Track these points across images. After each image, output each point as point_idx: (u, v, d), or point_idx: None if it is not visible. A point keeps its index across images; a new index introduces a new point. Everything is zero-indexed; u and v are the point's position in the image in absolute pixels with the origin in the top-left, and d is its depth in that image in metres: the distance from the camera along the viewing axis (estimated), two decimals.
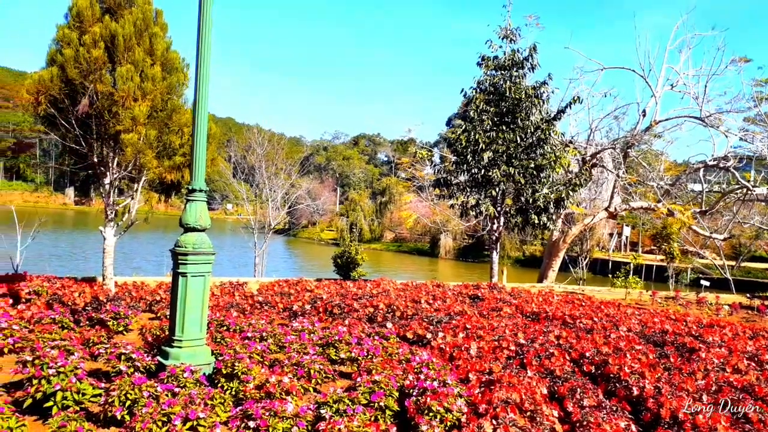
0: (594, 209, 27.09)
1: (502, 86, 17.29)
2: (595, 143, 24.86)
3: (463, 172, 17.68)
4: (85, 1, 10.42)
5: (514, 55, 17.65)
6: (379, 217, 76.39)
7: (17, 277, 11.45)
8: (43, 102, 10.51)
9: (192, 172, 6.28)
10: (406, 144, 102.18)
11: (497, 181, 16.83)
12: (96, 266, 25.42)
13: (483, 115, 17.29)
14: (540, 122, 17.26)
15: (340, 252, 19.65)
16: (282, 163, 29.73)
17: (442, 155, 21.56)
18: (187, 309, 6.15)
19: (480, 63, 17.96)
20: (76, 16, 10.50)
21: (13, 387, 5.99)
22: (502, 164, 16.94)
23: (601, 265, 45.67)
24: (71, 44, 10.32)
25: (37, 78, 10.54)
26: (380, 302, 10.93)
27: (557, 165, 17.24)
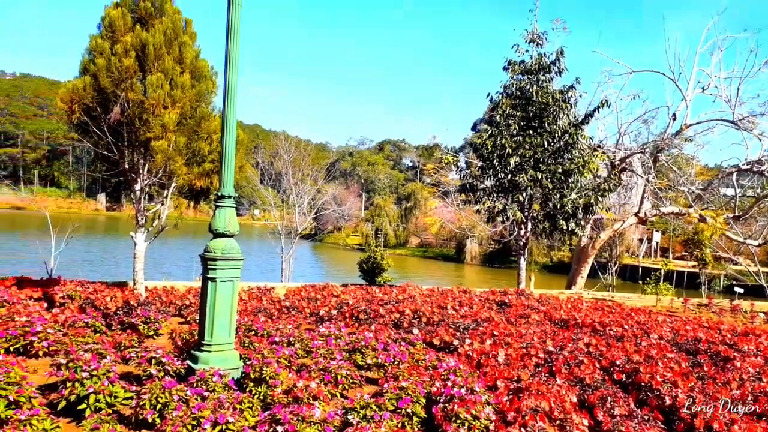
0: (623, 214, 26.67)
1: (529, 90, 17.16)
2: (624, 147, 24.49)
3: (490, 177, 17.56)
4: (117, 12, 10.68)
5: (540, 59, 17.52)
6: (404, 222, 76.35)
7: (52, 281, 11.72)
8: (77, 110, 10.78)
9: (221, 178, 6.36)
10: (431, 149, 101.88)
11: (524, 186, 16.68)
12: (126, 271, 25.90)
13: (509, 120, 17.18)
14: (567, 126, 17.07)
15: (365, 257, 19.70)
16: (308, 169, 29.95)
17: (467, 160, 21.48)
18: (216, 314, 6.22)
19: (506, 67, 17.86)
20: (109, 26, 10.75)
21: (48, 389, 6.11)
22: (529, 169, 16.79)
23: (631, 272, 44.92)
24: (103, 54, 10.57)
25: (71, 87, 10.82)
26: (406, 308, 10.91)
27: (585, 170, 17.01)
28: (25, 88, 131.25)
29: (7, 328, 7.64)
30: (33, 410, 5.04)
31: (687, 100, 23.57)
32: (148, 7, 11.13)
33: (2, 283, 11.05)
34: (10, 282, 11.19)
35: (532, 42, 17.83)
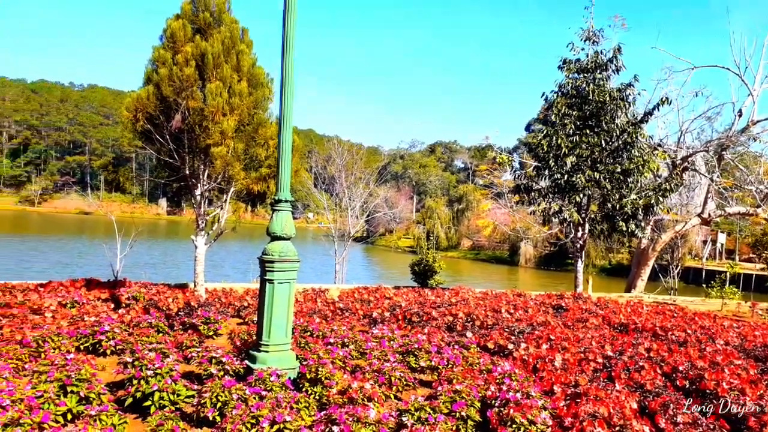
0: (686, 215, 25.68)
1: (585, 89, 16.80)
2: (686, 146, 23.60)
3: (545, 177, 17.27)
4: (178, 23, 11.10)
5: (597, 57, 17.12)
6: (456, 224, 75.83)
7: (118, 283, 12.25)
8: (141, 119, 11.26)
9: (278, 183, 6.51)
10: (483, 150, 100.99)
11: (581, 187, 16.31)
12: (186, 273, 26.78)
13: (565, 119, 16.85)
14: (626, 125, 16.61)
15: (417, 260, 19.68)
16: (360, 173, 30.20)
17: (521, 161, 21.18)
18: (274, 314, 6.37)
19: (561, 66, 17.54)
20: (170, 37, 11.19)
21: (115, 386, 6.39)
22: (587, 169, 16.42)
23: (694, 275, 43.22)
24: (165, 64, 11.00)
25: (135, 96, 11.32)
26: (459, 311, 10.85)
27: (645, 169, 16.50)
28: (92, 99, 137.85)
29: (77, 327, 8.05)
30: (102, 406, 5.30)
31: (754, 96, 22.50)
32: (206, 17, 11.52)
33: (73, 285, 11.64)
34: (80, 283, 11.77)
35: (587, 40, 17.45)
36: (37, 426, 4.76)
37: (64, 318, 8.84)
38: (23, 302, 9.64)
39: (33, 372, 5.95)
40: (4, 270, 29.32)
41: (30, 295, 10.37)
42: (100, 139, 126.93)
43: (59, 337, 7.40)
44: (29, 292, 10.67)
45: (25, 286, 11.45)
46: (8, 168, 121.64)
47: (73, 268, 31.25)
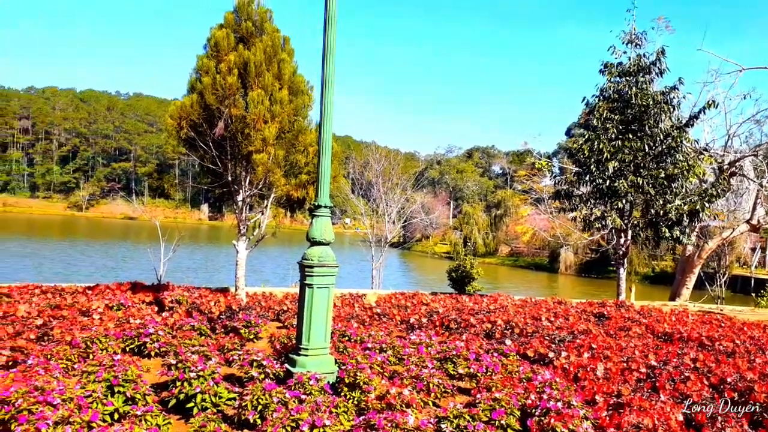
0: (733, 222, 24.84)
1: (627, 93, 16.46)
2: (733, 150, 22.82)
3: (586, 183, 16.98)
4: (222, 32, 11.37)
5: (639, 60, 16.77)
6: (494, 230, 75.09)
7: (161, 286, 12.57)
8: (185, 126, 11.55)
9: (317, 189, 6.60)
10: (522, 155, 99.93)
11: (624, 192, 15.97)
12: (227, 277, 27.25)
13: (607, 124, 16.54)
14: (670, 129, 16.20)
15: (454, 266, 19.58)
16: (397, 179, 30.24)
17: (561, 166, 20.91)
18: (313, 319, 6.44)
19: (602, 70, 17.24)
20: (214, 46, 11.47)
21: (159, 387, 6.55)
22: (629, 174, 16.07)
23: (742, 283, 41.72)
24: (209, 72, 11.27)
25: (180, 105, 11.63)
26: (498, 318, 10.75)
27: (690, 174, 16.04)
28: (137, 107, 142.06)
29: (123, 329, 8.30)
30: (147, 407, 5.44)
31: None
32: (249, 26, 11.76)
33: (119, 288, 11.99)
34: (126, 287, 12.12)
35: (630, 43, 17.12)
36: (86, 425, 4.92)
37: (111, 320, 9.12)
38: (72, 304, 9.99)
39: (82, 372, 6.15)
40: (53, 273, 30.43)
41: (79, 297, 10.74)
42: (144, 146, 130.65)
43: (106, 338, 7.64)
44: (78, 295, 11.04)
45: (74, 289, 11.85)
46: (58, 174, 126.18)
47: (118, 272, 32.18)
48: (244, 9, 11.86)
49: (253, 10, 11.91)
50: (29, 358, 6.89)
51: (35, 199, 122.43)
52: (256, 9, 11.98)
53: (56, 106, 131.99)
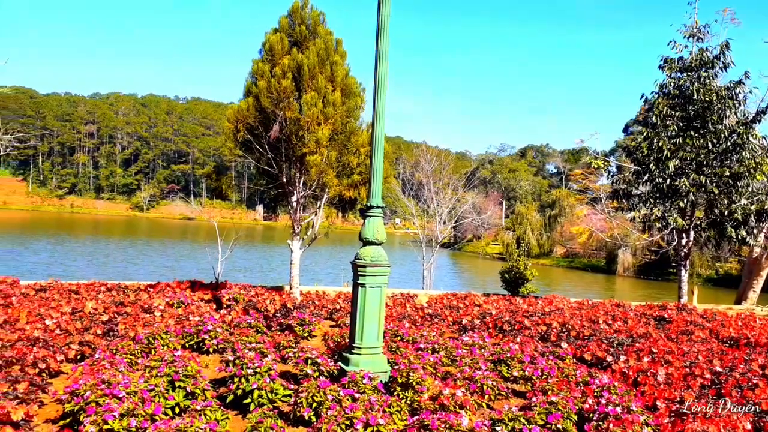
0: None
1: (689, 89, 15.83)
2: None
3: (645, 182, 16.43)
4: (276, 37, 11.61)
5: (702, 54, 16.09)
6: (548, 230, 73.56)
7: (219, 285, 12.92)
8: (241, 129, 11.87)
9: (369, 189, 6.65)
10: (577, 154, 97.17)
11: (685, 192, 15.37)
12: (280, 276, 27.78)
13: (667, 120, 15.96)
14: (735, 125, 15.48)
15: (507, 267, 19.30)
16: (448, 178, 30.08)
17: (619, 164, 20.27)
18: (366, 318, 6.49)
19: (662, 65, 16.64)
20: (269, 51, 11.73)
21: (217, 383, 6.74)
22: (691, 173, 15.46)
23: None
24: (264, 76, 11.54)
25: (237, 108, 11.96)
26: (553, 320, 10.54)
27: (758, 172, 15.28)
28: (195, 111, 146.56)
29: (183, 326, 8.57)
30: (207, 402, 5.61)
31: None
32: (303, 30, 11.97)
33: (179, 286, 12.40)
34: (186, 285, 12.52)
35: (691, 37, 16.46)
36: (149, 417, 5.11)
37: (172, 317, 9.45)
38: (135, 301, 10.40)
39: (145, 367, 6.40)
40: (117, 272, 31.78)
41: (141, 295, 11.17)
42: (202, 148, 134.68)
43: (167, 335, 7.91)
44: (140, 292, 11.49)
45: (136, 287, 12.33)
46: (121, 177, 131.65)
47: (176, 271, 33.27)
48: (297, 13, 12.08)
49: (306, 14, 12.11)
50: (96, 352, 7.23)
51: (100, 201, 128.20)
52: (309, 13, 12.19)
53: (119, 111, 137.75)
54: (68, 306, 9.29)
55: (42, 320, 8.30)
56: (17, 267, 29.59)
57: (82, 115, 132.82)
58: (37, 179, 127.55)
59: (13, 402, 5.27)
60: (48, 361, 6.65)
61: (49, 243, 48.96)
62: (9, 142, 11.26)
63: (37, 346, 7.04)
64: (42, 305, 9.40)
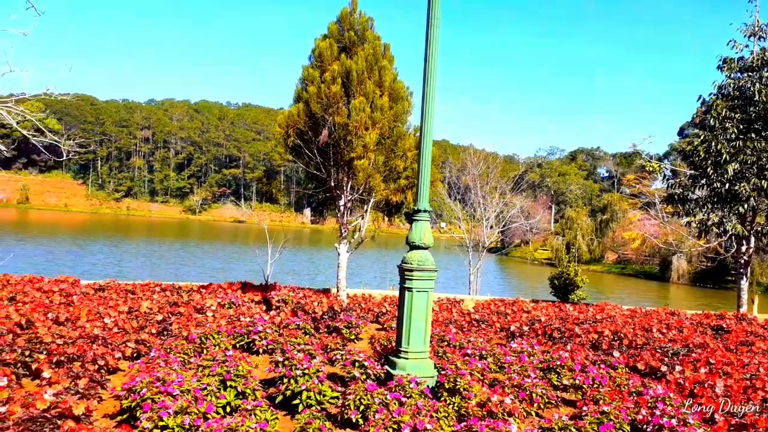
0: None
1: (750, 89, 15.20)
2: None
3: (702, 186, 15.86)
4: (325, 43, 11.77)
5: (764, 53, 15.45)
6: (599, 236, 71.72)
7: (269, 286, 13.16)
8: (292, 134, 12.07)
9: (417, 193, 6.66)
10: (630, 157, 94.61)
11: (746, 197, 14.75)
12: (326, 279, 28.04)
13: (725, 123, 15.37)
14: None
15: (557, 273, 18.90)
16: (495, 182, 29.72)
17: (674, 168, 19.64)
18: (413, 322, 6.49)
19: (721, 66, 16.06)
20: (318, 57, 11.90)
21: (266, 383, 6.86)
22: (752, 177, 14.84)
23: None
24: (314, 82, 11.71)
25: (287, 114, 12.18)
26: (605, 328, 10.28)
27: None
28: (246, 116, 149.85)
29: (234, 326, 8.77)
30: (257, 401, 5.72)
31: None
32: (351, 36, 12.10)
33: (230, 287, 12.69)
34: (236, 286, 12.80)
35: (752, 36, 15.84)
36: (201, 415, 5.25)
37: (223, 317, 9.68)
38: (188, 302, 10.70)
39: (198, 366, 6.58)
40: (169, 273, 32.75)
41: (194, 295, 11.48)
42: (252, 153, 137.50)
43: (219, 335, 8.11)
44: (193, 293, 11.81)
45: (189, 287, 12.68)
46: (175, 180, 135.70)
47: (227, 272, 34.03)
48: (346, 19, 12.21)
49: (355, 20, 12.23)
50: (151, 350, 7.47)
51: (155, 203, 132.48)
52: (357, 18, 12.30)
53: (173, 117, 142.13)
54: (125, 305, 9.64)
55: (101, 319, 8.64)
56: (76, 267, 30.88)
57: (139, 121, 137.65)
58: (96, 183, 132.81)
59: (75, 397, 5.50)
60: (106, 358, 6.92)
61: (105, 245, 50.91)
62: (72, 147, 11.75)
63: (96, 344, 7.33)
64: (101, 304, 9.78)
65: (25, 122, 10.90)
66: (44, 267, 28.02)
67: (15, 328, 7.52)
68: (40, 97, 11.16)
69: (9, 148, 13.25)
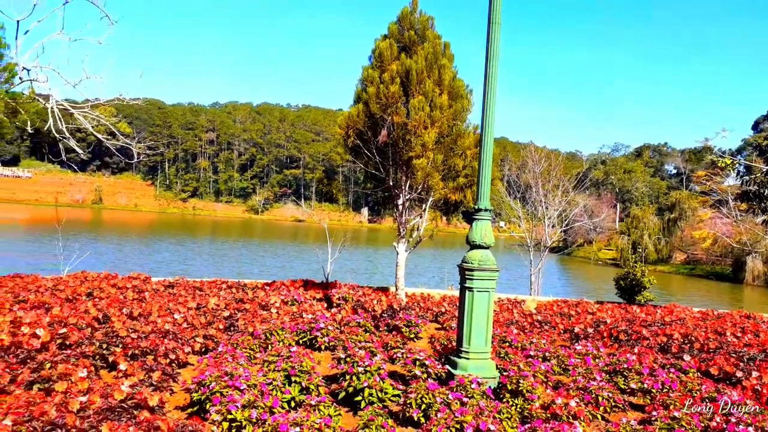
0: None
1: None
2: None
3: None
4: (385, 43, 11.84)
5: None
6: (667, 235, 68.87)
7: (329, 284, 13.37)
8: (351, 135, 12.22)
9: (477, 192, 6.61)
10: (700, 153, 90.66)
11: None
12: (383, 278, 28.14)
13: None
14: None
15: (622, 273, 18.30)
16: (557, 180, 29.05)
17: (748, 164, 18.66)
18: (474, 322, 6.45)
19: None
20: (378, 57, 11.98)
21: (328, 380, 6.97)
22: None
23: None
24: (373, 82, 11.80)
25: (347, 115, 12.33)
26: (674, 331, 9.89)
27: None
28: (306, 118, 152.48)
29: (297, 323, 8.96)
30: (320, 397, 5.83)
31: None
32: (411, 36, 12.12)
33: (293, 284, 12.97)
34: (299, 284, 13.07)
35: None
36: (268, 410, 5.40)
37: (286, 314, 9.91)
38: (253, 299, 11.00)
39: (263, 361, 6.76)
40: (231, 270, 33.72)
41: (258, 292, 11.80)
42: (311, 153, 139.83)
43: (283, 331, 8.31)
44: (257, 290, 12.14)
45: (254, 285, 13.04)
46: (238, 181, 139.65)
47: (288, 270, 34.71)
48: (406, 18, 12.24)
49: (415, 19, 12.24)
50: (219, 345, 7.73)
51: (219, 203, 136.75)
52: (417, 17, 12.30)
53: (236, 120, 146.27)
54: (193, 302, 10.01)
55: (171, 314, 9.01)
56: (144, 265, 32.23)
57: (204, 124, 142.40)
58: (164, 183, 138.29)
59: (149, 389, 5.77)
60: (177, 352, 7.21)
61: (171, 243, 52.97)
62: (142, 149, 12.31)
63: (167, 338, 7.66)
64: (171, 300, 10.19)
65: (98, 126, 11.50)
66: (114, 264, 29.45)
67: (93, 322, 7.95)
68: (113, 103, 11.77)
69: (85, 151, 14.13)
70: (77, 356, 6.43)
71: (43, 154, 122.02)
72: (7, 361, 5.92)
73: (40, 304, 8.81)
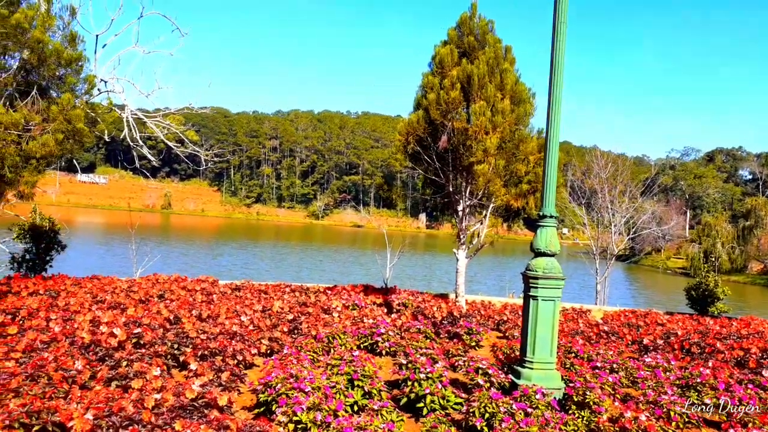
0: None
1: None
2: None
3: None
4: (446, 49, 11.82)
5: None
6: (742, 244, 65.34)
7: (389, 290, 13.42)
8: (411, 141, 12.26)
9: (542, 198, 6.50)
10: None
11: None
12: (441, 285, 28.00)
13: None
14: None
15: (694, 284, 17.50)
16: (624, 186, 28.12)
17: None
18: (538, 332, 6.33)
19: None
20: (438, 63, 11.98)
21: (390, 385, 7.00)
22: None
23: None
24: (434, 89, 11.80)
25: (407, 121, 12.39)
26: (752, 345, 9.37)
27: None
28: (365, 125, 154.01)
29: (358, 328, 9.05)
30: (383, 402, 5.87)
31: None
32: (471, 41, 12.05)
33: (353, 289, 13.10)
34: (359, 288, 13.19)
35: None
36: (332, 413, 5.48)
37: (348, 318, 10.02)
38: (315, 302, 11.18)
39: (326, 365, 6.86)
40: (291, 274, 34.36)
41: (320, 296, 11.98)
42: (370, 160, 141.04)
43: (345, 335, 8.42)
44: (319, 294, 12.33)
45: (316, 289, 13.25)
46: (300, 187, 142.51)
47: (347, 276, 35.07)
48: (466, 24, 12.18)
49: (474, 24, 12.17)
50: (284, 348, 7.91)
51: (281, 209, 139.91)
52: (477, 22, 12.22)
53: (298, 127, 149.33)
54: (259, 304, 10.27)
55: (238, 317, 9.27)
56: (209, 269, 33.30)
57: (267, 131, 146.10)
58: (229, 189, 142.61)
59: (218, 389, 5.97)
60: (244, 353, 7.42)
61: (233, 248, 54.52)
62: (210, 156, 12.78)
63: (235, 340, 7.89)
64: (237, 303, 10.50)
65: (168, 134, 12.02)
66: (181, 267, 30.56)
67: (165, 323, 8.29)
68: (183, 111, 12.28)
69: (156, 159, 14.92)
70: (151, 355, 6.73)
71: (117, 161, 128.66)
72: (87, 358, 6.26)
73: (117, 305, 9.28)
